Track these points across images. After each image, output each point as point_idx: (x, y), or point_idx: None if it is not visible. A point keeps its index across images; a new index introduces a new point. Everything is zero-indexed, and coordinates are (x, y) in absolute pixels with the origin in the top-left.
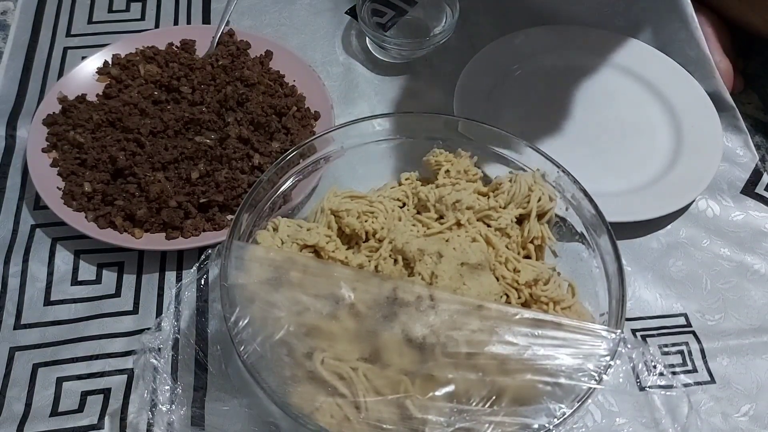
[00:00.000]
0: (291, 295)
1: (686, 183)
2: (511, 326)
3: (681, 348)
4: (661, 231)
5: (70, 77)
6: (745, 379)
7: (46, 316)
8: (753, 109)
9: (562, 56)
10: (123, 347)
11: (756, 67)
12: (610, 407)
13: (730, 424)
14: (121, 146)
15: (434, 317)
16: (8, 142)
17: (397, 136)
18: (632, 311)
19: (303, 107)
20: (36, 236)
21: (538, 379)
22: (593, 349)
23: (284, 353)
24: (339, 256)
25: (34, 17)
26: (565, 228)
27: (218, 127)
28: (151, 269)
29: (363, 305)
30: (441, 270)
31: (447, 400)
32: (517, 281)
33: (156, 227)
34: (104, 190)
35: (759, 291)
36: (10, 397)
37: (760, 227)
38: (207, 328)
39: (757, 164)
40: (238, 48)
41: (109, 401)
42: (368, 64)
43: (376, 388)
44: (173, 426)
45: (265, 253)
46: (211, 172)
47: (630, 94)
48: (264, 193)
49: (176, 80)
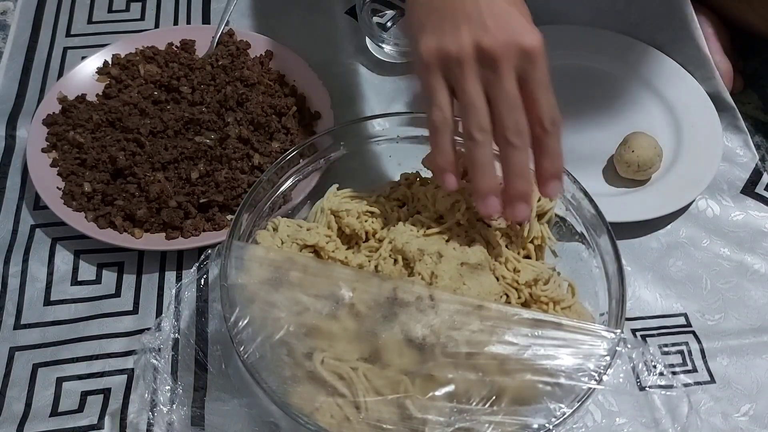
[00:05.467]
0: (291, 295)
1: (686, 183)
2: (511, 326)
3: (681, 348)
4: (661, 231)
5: (69, 77)
6: (745, 379)
7: (46, 316)
8: (753, 109)
9: (562, 56)
10: (123, 347)
11: (756, 67)
12: (610, 407)
13: (730, 424)
14: (121, 146)
15: (434, 317)
16: (8, 142)
17: (397, 136)
18: (632, 311)
19: (303, 107)
20: (36, 236)
21: (538, 379)
22: (593, 349)
23: (284, 353)
24: (339, 256)
25: (33, 17)
26: (565, 228)
27: (218, 127)
28: (151, 269)
29: (363, 305)
30: (441, 270)
31: (447, 400)
32: (517, 281)
33: (156, 227)
34: (104, 190)
35: (759, 291)
36: (10, 397)
37: (760, 227)
38: (207, 328)
39: (757, 164)
40: (238, 48)
41: (109, 401)
42: (368, 64)
43: (376, 388)
44: (173, 426)
45: (265, 253)
46: (211, 172)
47: (630, 94)
48: (264, 193)
49: (176, 80)
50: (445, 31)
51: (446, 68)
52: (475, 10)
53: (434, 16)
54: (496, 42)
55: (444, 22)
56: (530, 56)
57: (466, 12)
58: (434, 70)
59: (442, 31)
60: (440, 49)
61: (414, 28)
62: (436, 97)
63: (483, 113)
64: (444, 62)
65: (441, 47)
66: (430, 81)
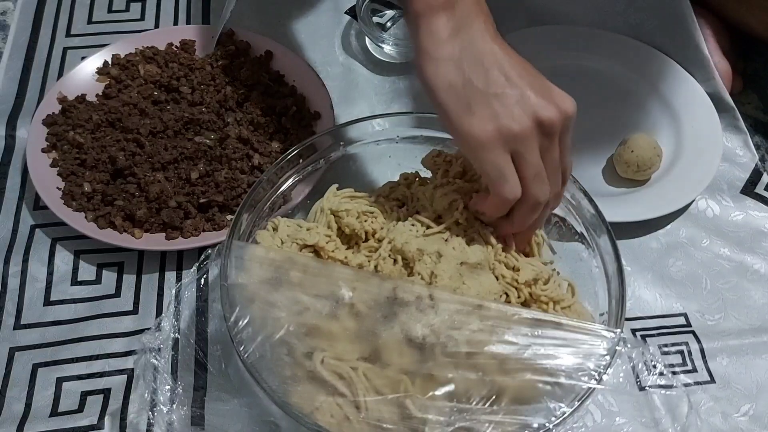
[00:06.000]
0: (291, 294)
1: (686, 183)
2: (510, 326)
3: (681, 348)
4: (661, 231)
5: (69, 77)
6: (745, 379)
7: (46, 316)
8: (752, 109)
9: (562, 56)
10: (123, 347)
11: (755, 67)
12: (609, 407)
13: (730, 423)
14: (120, 146)
15: (434, 317)
16: (8, 142)
17: (396, 136)
18: (632, 311)
19: (303, 107)
20: (36, 236)
21: (538, 379)
22: (593, 348)
23: (284, 353)
24: (339, 256)
25: (33, 17)
26: (565, 228)
27: (218, 128)
28: (150, 269)
29: (363, 305)
30: (440, 269)
31: (447, 400)
32: (516, 280)
33: (156, 227)
34: (104, 190)
35: (759, 291)
36: (10, 397)
37: (760, 227)
38: (207, 328)
39: (757, 164)
40: (237, 48)
41: (109, 401)
42: (368, 64)
43: (376, 388)
44: (173, 426)
45: (264, 252)
46: (211, 172)
47: (630, 94)
48: (264, 193)
49: (176, 80)
50: (496, 111)
51: (509, 145)
52: (511, 85)
53: (476, 98)
54: (552, 113)
55: (491, 102)
56: (570, 122)
57: (504, 89)
58: (498, 148)
59: (494, 112)
60: (500, 129)
61: (455, 114)
62: (507, 174)
63: (546, 179)
64: (507, 140)
65: (501, 127)
66: (497, 160)
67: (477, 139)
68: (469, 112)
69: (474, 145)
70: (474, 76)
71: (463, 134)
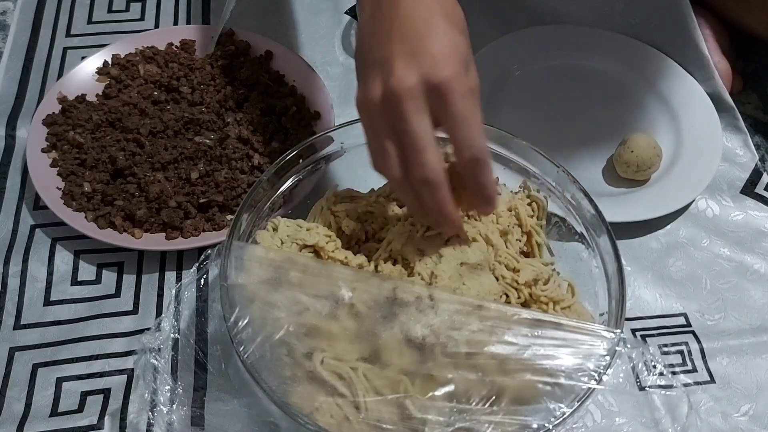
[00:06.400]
0: (291, 295)
1: (686, 183)
2: (510, 326)
3: (681, 348)
4: (661, 231)
5: (69, 77)
6: (745, 379)
7: (46, 316)
8: (752, 109)
9: (562, 56)
10: (123, 347)
11: (755, 67)
12: (609, 407)
13: (730, 423)
14: (120, 146)
15: (434, 317)
16: (8, 142)
17: None
18: (632, 311)
19: (303, 107)
20: (36, 236)
21: (538, 379)
22: (593, 349)
23: (284, 353)
24: (339, 256)
25: (33, 17)
26: (565, 228)
27: (218, 128)
28: (150, 269)
29: (363, 305)
30: (440, 270)
31: (447, 400)
32: (516, 281)
33: (156, 227)
34: (104, 190)
35: (759, 291)
36: (9, 397)
37: (760, 227)
38: (207, 328)
39: (757, 164)
40: (237, 48)
41: (109, 401)
42: None
43: (375, 388)
44: (173, 426)
45: (264, 253)
46: (211, 172)
47: (630, 94)
48: (264, 193)
49: (176, 80)
50: (366, 79)
51: (375, 117)
52: (380, 48)
53: (359, 64)
54: (401, 82)
55: (366, 70)
56: (442, 89)
57: (380, 53)
58: (365, 120)
59: (364, 80)
60: (363, 99)
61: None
62: (374, 148)
63: (423, 150)
64: (369, 112)
65: (364, 98)
66: (366, 131)
67: (358, 108)
68: (359, 80)
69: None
70: (367, 39)
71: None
